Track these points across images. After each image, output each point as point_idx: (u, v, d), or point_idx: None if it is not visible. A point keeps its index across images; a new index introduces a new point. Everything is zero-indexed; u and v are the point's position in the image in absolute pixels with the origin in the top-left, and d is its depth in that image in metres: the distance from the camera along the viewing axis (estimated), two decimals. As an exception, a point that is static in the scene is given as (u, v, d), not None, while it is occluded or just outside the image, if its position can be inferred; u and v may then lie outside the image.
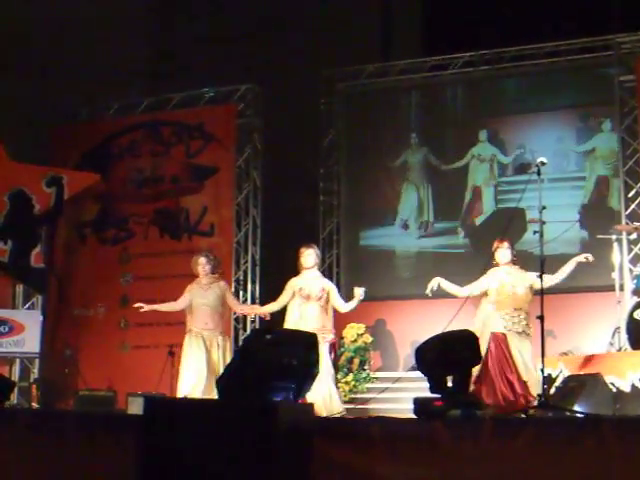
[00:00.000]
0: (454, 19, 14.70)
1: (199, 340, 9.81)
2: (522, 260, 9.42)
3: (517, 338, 8.88)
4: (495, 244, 9.25)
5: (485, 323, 9.03)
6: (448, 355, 6.58)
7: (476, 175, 13.40)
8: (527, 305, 8.99)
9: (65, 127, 14.67)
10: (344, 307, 9.66)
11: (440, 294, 9.39)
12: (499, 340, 8.88)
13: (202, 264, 10.09)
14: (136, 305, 10.42)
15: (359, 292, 9.48)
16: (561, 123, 13.19)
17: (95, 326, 13.72)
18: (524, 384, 8.77)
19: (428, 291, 9.27)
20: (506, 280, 9.05)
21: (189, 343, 9.85)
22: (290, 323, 9.45)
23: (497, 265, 9.20)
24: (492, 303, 9.09)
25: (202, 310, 9.90)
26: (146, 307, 10.31)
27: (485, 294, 9.15)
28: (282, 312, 9.77)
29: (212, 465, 5.19)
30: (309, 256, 9.61)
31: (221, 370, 9.50)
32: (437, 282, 9.26)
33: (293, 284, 9.62)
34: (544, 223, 8.06)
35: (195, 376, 9.63)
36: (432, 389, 6.35)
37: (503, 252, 9.14)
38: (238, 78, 13.87)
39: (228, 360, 9.65)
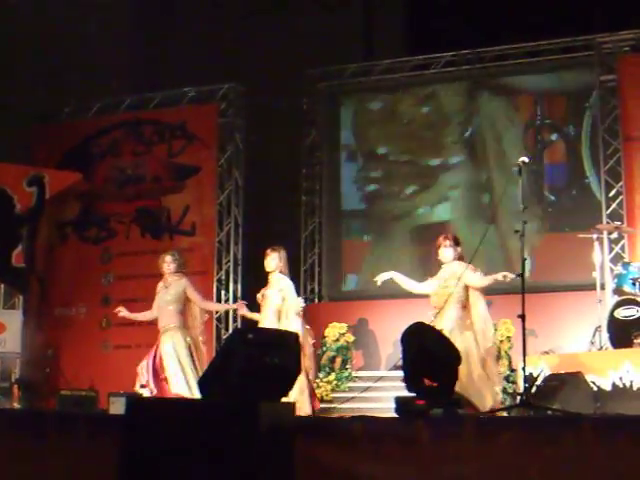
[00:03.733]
0: (436, 19, 14.71)
1: (168, 338, 9.82)
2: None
3: (459, 336, 8.66)
4: (438, 241, 9.10)
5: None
6: (424, 353, 6.61)
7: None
8: (464, 300, 8.85)
9: (46, 126, 14.64)
10: (296, 309, 9.66)
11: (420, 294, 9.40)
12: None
13: (167, 262, 10.06)
14: (117, 310, 10.41)
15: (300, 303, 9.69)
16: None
17: (76, 326, 13.70)
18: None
19: (378, 282, 9.24)
20: (442, 279, 8.97)
21: (158, 345, 9.87)
22: None
23: (441, 263, 9.11)
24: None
25: (164, 309, 9.90)
26: (125, 313, 10.29)
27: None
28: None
29: (194, 465, 5.18)
30: (272, 260, 9.68)
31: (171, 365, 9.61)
32: (390, 275, 9.23)
33: (261, 294, 9.80)
34: (526, 223, 8.06)
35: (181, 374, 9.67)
36: (408, 387, 6.36)
37: (445, 250, 9.01)
38: (220, 77, 13.86)
39: (182, 354, 9.69)
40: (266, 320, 9.55)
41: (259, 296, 9.78)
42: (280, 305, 9.60)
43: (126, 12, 14.75)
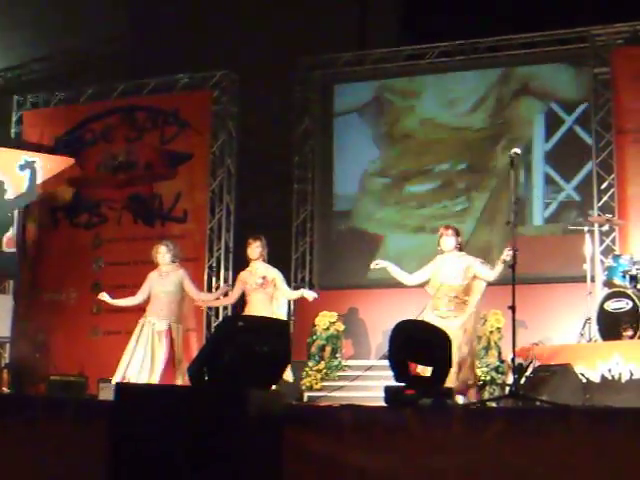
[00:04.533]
0: (430, 8, 14.70)
1: (149, 328, 9.88)
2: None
3: (445, 325, 8.66)
4: (440, 231, 9.30)
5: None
6: (410, 342, 6.60)
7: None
8: (464, 294, 9.00)
9: (39, 111, 14.60)
10: (287, 294, 10.20)
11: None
12: None
13: (162, 253, 10.17)
14: (101, 296, 10.47)
15: (308, 293, 10.19)
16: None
17: (67, 311, 13.68)
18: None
19: (372, 266, 9.38)
20: (443, 268, 9.08)
21: (139, 329, 9.94)
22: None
23: (442, 252, 9.23)
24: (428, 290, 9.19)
25: (158, 297, 10.01)
26: (107, 298, 10.37)
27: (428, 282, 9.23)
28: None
29: (183, 452, 5.18)
30: (256, 248, 10.02)
31: (161, 356, 9.81)
32: (384, 265, 9.35)
33: (240, 277, 10.16)
34: (517, 214, 8.09)
35: (137, 365, 9.73)
36: (396, 377, 6.35)
37: (447, 239, 9.16)
38: (213, 64, 13.83)
39: (179, 344, 9.81)
40: (259, 306, 9.68)
41: (242, 280, 10.05)
42: (272, 292, 9.79)
43: (121, -1, 14.72)
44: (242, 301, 10.35)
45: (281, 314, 10.10)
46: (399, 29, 15.43)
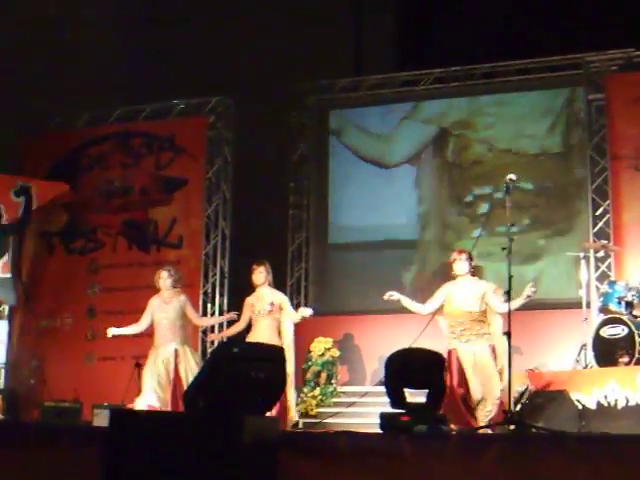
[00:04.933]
0: (426, 35, 14.78)
1: (158, 357, 9.84)
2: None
3: (469, 349, 8.75)
4: (453, 255, 9.22)
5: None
6: (406, 370, 6.61)
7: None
8: (482, 316, 8.92)
9: (35, 137, 14.61)
10: (293, 317, 10.03)
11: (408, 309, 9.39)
12: (450, 357, 8.78)
13: (163, 278, 10.15)
14: (108, 332, 10.35)
15: (305, 310, 10.00)
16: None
17: (62, 337, 13.64)
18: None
19: (386, 297, 9.24)
20: (457, 293, 9.01)
21: (152, 360, 9.90)
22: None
23: (455, 277, 9.16)
24: (444, 317, 9.15)
25: (162, 324, 9.98)
26: (115, 332, 10.30)
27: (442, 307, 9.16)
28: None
29: (177, 478, 5.17)
30: (260, 274, 9.96)
31: (183, 379, 9.67)
32: (397, 297, 9.21)
33: (247, 302, 10.04)
34: (512, 240, 8.10)
35: (154, 397, 9.67)
36: (392, 404, 6.36)
37: (460, 264, 9.12)
38: (209, 90, 13.86)
39: (186, 368, 9.75)
40: (266, 333, 9.66)
41: (249, 305, 9.96)
42: (279, 318, 9.87)
43: (115, 24, 14.74)
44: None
45: (288, 339, 10.02)
46: (395, 55, 15.50)
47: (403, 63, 14.60)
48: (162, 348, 9.88)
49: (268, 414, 8.26)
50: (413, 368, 6.83)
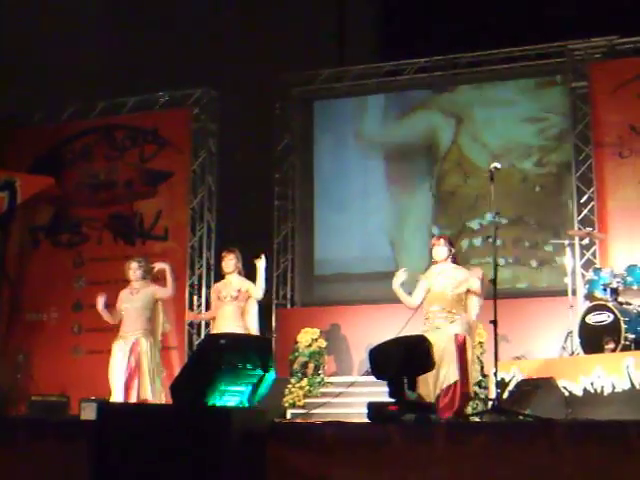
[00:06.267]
0: (409, 24, 14.75)
1: (122, 345, 9.70)
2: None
3: (439, 335, 8.36)
4: (432, 241, 9.02)
5: None
6: (411, 361, 6.61)
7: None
8: (458, 305, 8.60)
9: (18, 131, 14.56)
10: (257, 293, 9.81)
11: (395, 299, 9.36)
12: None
13: (133, 269, 9.95)
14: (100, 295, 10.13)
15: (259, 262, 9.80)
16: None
17: (48, 331, 13.61)
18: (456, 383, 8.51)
19: (398, 285, 9.00)
20: (436, 279, 8.75)
21: (116, 349, 9.75)
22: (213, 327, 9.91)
23: (434, 263, 8.97)
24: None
25: (127, 313, 9.77)
26: (100, 305, 10.03)
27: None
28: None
29: (166, 471, 5.17)
30: (230, 261, 9.89)
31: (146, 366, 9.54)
32: (402, 278, 8.97)
33: (214, 288, 10.11)
34: (497, 228, 8.11)
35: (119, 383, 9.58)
36: (393, 394, 6.34)
37: (439, 249, 8.88)
38: (193, 82, 13.83)
39: (146, 361, 9.60)
40: (230, 319, 9.61)
41: (215, 291, 9.97)
42: (244, 305, 9.78)
43: (98, 16, 14.68)
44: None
45: (253, 328, 9.92)
46: (378, 45, 15.49)
47: (386, 53, 14.58)
48: (125, 339, 9.70)
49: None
50: (419, 355, 6.81)
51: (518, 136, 13.21)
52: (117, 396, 9.49)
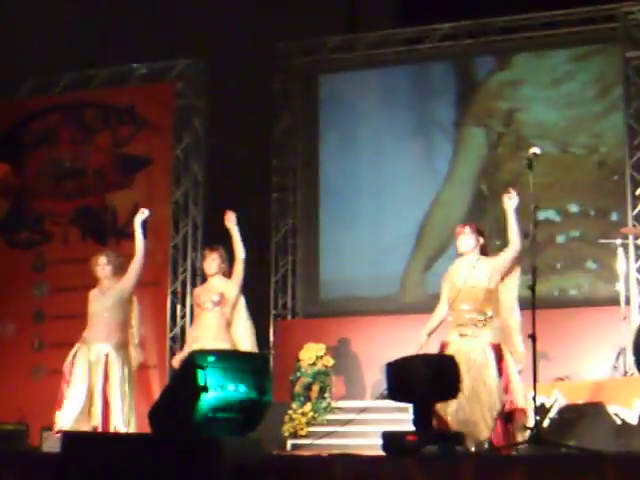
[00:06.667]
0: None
1: (84, 356, 9.66)
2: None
3: (470, 345, 8.21)
4: (457, 229, 8.73)
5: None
6: (439, 385, 6.63)
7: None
8: (488, 304, 8.39)
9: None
10: (238, 249, 9.63)
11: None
12: (443, 349, 8.27)
13: (101, 264, 9.89)
14: None
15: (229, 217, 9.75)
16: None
17: (3, 346, 13.64)
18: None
19: (422, 350, 8.77)
20: (460, 273, 8.52)
21: (76, 357, 9.69)
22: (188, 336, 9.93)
23: (459, 255, 8.67)
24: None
25: (97, 316, 9.71)
26: None
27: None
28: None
29: (143, 512, 5.19)
30: (213, 261, 9.69)
31: (99, 393, 9.44)
32: (426, 340, 8.78)
33: (194, 293, 10.03)
34: (537, 226, 8.08)
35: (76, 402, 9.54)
36: (420, 422, 6.35)
37: (464, 238, 8.59)
38: (176, 51, 13.85)
39: (116, 378, 9.58)
40: (212, 328, 9.50)
41: (195, 297, 9.84)
42: (228, 314, 9.58)
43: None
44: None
45: (242, 342, 9.76)
46: (395, 9, 15.48)
47: (405, 18, 14.59)
48: (93, 346, 9.67)
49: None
50: (449, 379, 6.84)
51: (557, 119, 13.23)
52: (69, 418, 9.43)
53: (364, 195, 13.92)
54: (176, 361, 9.67)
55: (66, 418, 9.42)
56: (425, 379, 6.57)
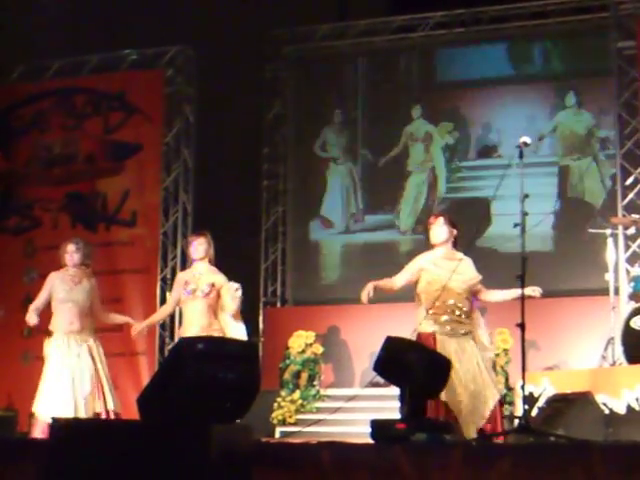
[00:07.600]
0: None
1: (65, 345, 9.63)
2: (485, 258, 9.43)
3: (454, 341, 8.26)
4: (429, 220, 8.75)
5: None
6: (430, 379, 6.66)
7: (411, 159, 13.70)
8: (464, 300, 8.42)
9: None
10: (228, 308, 9.50)
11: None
12: (424, 341, 8.22)
13: (70, 252, 9.79)
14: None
15: (233, 289, 9.52)
16: (534, 98, 13.41)
17: (-8, 333, 13.65)
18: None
19: (364, 299, 8.85)
20: (441, 269, 8.48)
21: (53, 350, 9.68)
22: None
23: (432, 247, 8.67)
24: (418, 294, 8.62)
25: (67, 307, 9.68)
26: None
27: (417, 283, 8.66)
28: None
29: (132, 499, 5.19)
30: (200, 246, 9.60)
31: (87, 379, 9.46)
32: (372, 287, 8.82)
33: (179, 278, 9.83)
34: (526, 214, 8.06)
35: (66, 394, 9.50)
36: (411, 411, 6.37)
37: (437, 229, 8.59)
38: (167, 38, 13.82)
39: (102, 363, 9.58)
40: (201, 319, 9.46)
41: (182, 282, 9.66)
42: (214, 304, 9.55)
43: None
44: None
45: (231, 330, 9.70)
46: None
47: (397, 6, 14.56)
48: (72, 339, 9.63)
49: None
50: (440, 377, 6.87)
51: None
52: (48, 410, 9.37)
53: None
54: None
55: (50, 407, 9.39)
56: (418, 368, 6.58)
